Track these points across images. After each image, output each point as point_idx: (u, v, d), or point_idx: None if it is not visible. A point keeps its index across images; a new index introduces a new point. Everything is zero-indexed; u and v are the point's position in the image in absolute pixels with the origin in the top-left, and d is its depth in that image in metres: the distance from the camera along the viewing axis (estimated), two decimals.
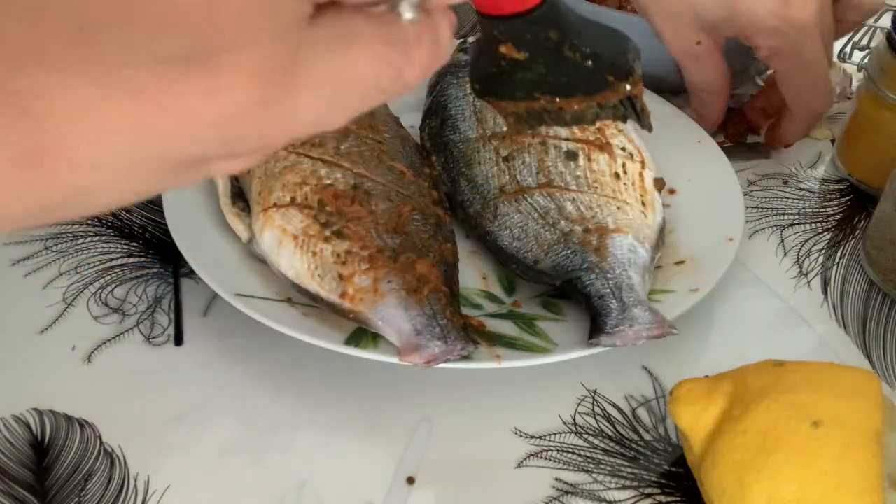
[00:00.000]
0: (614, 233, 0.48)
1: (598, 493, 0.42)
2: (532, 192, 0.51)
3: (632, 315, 0.44)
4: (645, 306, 0.45)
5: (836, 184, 0.65)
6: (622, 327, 0.44)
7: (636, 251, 0.48)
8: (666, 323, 0.44)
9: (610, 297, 0.45)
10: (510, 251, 0.50)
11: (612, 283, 0.46)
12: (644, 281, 0.47)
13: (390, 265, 0.44)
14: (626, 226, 0.49)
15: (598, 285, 0.46)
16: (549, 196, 0.50)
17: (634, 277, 0.46)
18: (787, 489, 0.37)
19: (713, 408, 0.40)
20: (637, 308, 0.44)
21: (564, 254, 0.48)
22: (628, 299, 0.45)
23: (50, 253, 0.54)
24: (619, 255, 0.47)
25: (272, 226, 0.47)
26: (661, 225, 0.51)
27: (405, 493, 0.42)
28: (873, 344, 0.51)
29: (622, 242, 0.48)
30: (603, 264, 0.47)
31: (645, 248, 0.48)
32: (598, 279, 0.46)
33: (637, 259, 0.47)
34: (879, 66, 0.60)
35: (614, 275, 0.46)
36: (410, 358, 0.42)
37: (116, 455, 0.43)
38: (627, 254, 0.47)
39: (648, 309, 0.45)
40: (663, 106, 0.64)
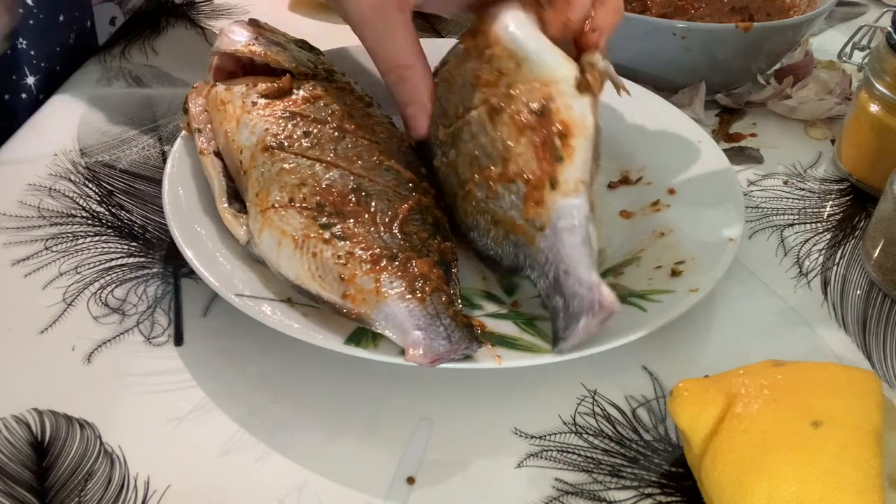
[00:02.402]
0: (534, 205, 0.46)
1: (598, 493, 0.42)
2: (472, 189, 0.49)
3: (574, 310, 0.43)
4: (583, 295, 0.43)
5: (836, 184, 0.65)
6: (570, 328, 0.43)
7: (563, 215, 0.45)
8: (605, 304, 0.43)
9: (553, 296, 0.45)
10: (482, 253, 0.50)
11: (551, 276, 0.45)
12: (585, 242, 0.45)
13: (391, 265, 0.44)
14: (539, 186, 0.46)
15: (542, 284, 0.46)
16: (481, 185, 0.49)
17: (569, 257, 0.44)
18: (786, 489, 0.37)
19: (713, 408, 0.40)
20: (576, 299, 0.43)
21: (509, 250, 0.48)
22: (568, 291, 0.44)
23: (50, 253, 0.54)
24: (547, 236, 0.45)
25: (271, 227, 0.47)
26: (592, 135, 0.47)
27: (405, 493, 0.42)
28: (873, 344, 0.51)
29: (542, 215, 0.46)
30: (537, 256, 0.46)
31: (573, 201, 0.46)
32: (539, 277, 0.46)
33: (564, 226, 0.45)
34: (879, 66, 0.60)
35: (548, 265, 0.45)
36: (415, 357, 0.42)
37: (116, 455, 0.43)
38: (552, 233, 0.45)
39: (589, 296, 0.43)
40: (663, 106, 0.64)
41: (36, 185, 0.59)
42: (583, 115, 0.47)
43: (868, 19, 0.86)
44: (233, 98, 0.54)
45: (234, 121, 0.53)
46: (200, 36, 0.80)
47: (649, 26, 0.67)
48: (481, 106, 0.49)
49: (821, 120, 0.71)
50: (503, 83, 0.48)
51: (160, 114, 0.68)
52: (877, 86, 0.60)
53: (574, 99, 0.47)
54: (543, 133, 0.47)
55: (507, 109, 0.48)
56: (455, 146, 0.51)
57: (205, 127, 0.55)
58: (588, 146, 0.47)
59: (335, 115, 0.53)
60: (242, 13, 0.83)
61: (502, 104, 0.48)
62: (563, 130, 0.46)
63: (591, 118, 0.47)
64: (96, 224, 0.57)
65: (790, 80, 0.73)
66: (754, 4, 0.77)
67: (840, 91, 0.73)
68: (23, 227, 0.56)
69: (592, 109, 0.47)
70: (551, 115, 0.47)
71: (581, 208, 0.46)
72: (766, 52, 0.70)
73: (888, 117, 0.60)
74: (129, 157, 0.63)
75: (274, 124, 0.51)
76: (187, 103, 0.57)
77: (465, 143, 0.50)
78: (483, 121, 0.49)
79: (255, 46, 0.57)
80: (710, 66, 0.69)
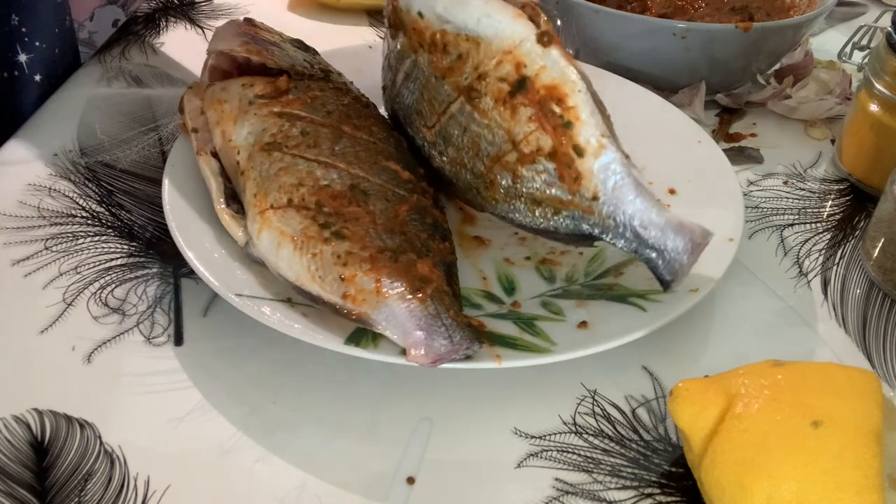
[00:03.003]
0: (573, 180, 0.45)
1: (598, 493, 0.42)
2: (494, 179, 0.49)
3: (671, 256, 0.44)
4: (673, 238, 0.44)
5: (836, 184, 0.65)
6: (676, 271, 0.45)
7: (607, 176, 0.45)
8: (698, 237, 0.44)
9: (642, 250, 0.45)
10: (535, 229, 0.49)
11: (630, 235, 0.45)
12: (639, 189, 0.45)
13: (392, 265, 0.44)
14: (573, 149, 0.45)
15: (623, 244, 0.46)
16: (502, 173, 0.48)
17: (636, 211, 0.45)
18: (786, 488, 0.37)
19: (713, 408, 0.40)
20: (668, 246, 0.44)
21: (566, 222, 0.47)
22: (655, 242, 0.45)
23: (50, 253, 0.54)
24: (604, 202, 0.45)
25: (269, 228, 0.47)
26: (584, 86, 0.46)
27: (405, 493, 0.42)
28: (873, 344, 0.51)
29: (588, 186, 0.45)
30: (605, 222, 0.46)
31: (606, 158, 0.45)
32: (616, 238, 0.46)
33: (615, 186, 0.45)
34: (879, 66, 0.60)
35: (621, 227, 0.45)
36: (417, 358, 0.42)
37: (116, 455, 0.43)
38: (607, 198, 0.45)
39: (681, 238, 0.44)
40: (663, 106, 0.64)
41: (36, 185, 0.59)
42: (562, 71, 0.45)
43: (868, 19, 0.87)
44: (230, 98, 0.54)
45: (232, 121, 0.53)
46: (200, 36, 0.80)
47: (649, 26, 0.67)
48: (459, 96, 0.48)
49: (821, 120, 0.72)
50: (469, 67, 0.47)
51: (160, 114, 0.68)
52: (877, 86, 0.60)
53: (543, 58, 0.45)
54: (537, 105, 0.45)
55: (488, 92, 0.47)
56: (449, 143, 0.50)
57: (201, 127, 0.55)
58: (587, 98, 0.45)
59: (333, 116, 0.53)
60: (242, 13, 0.83)
61: (479, 88, 0.47)
62: (553, 93, 0.45)
63: (571, 69, 0.45)
64: (96, 224, 0.57)
65: (790, 80, 0.73)
66: (754, 4, 0.77)
67: (840, 91, 0.73)
68: (23, 227, 0.56)
69: (567, 59, 0.45)
70: (534, 84, 0.45)
71: (617, 160, 0.45)
72: (766, 52, 0.70)
73: (888, 117, 0.60)
74: (129, 157, 0.63)
75: (272, 124, 0.51)
76: (183, 103, 0.57)
77: (459, 136, 0.49)
78: (468, 111, 0.48)
79: (252, 46, 0.57)
80: (710, 66, 0.69)
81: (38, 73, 0.69)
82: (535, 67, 0.45)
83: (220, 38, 0.58)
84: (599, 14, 0.68)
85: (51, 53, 0.70)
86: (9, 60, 0.67)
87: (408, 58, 0.52)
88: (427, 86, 0.51)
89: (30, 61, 0.68)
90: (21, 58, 0.67)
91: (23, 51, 0.67)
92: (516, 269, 0.53)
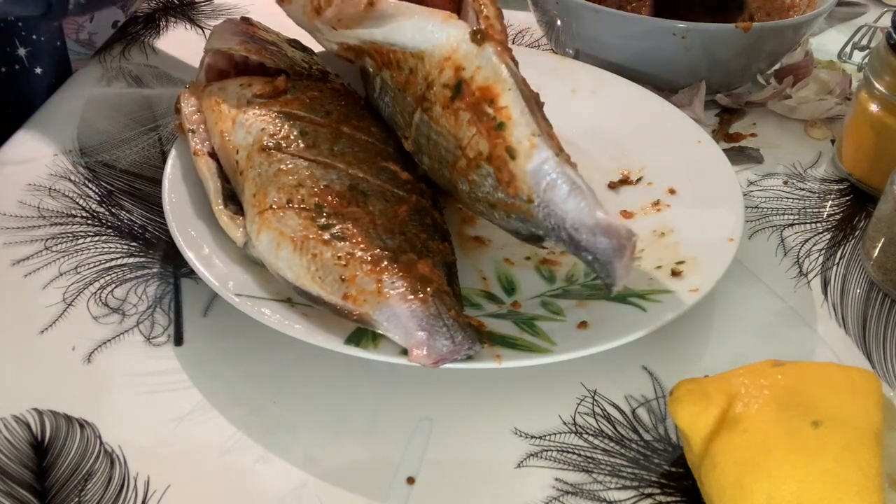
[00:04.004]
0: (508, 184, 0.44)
1: (598, 493, 0.42)
2: (457, 185, 0.48)
3: (603, 259, 0.42)
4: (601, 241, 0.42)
5: (836, 184, 0.65)
6: (610, 275, 0.42)
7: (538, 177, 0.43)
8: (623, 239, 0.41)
9: (579, 253, 0.43)
10: (505, 228, 0.47)
11: (565, 237, 0.43)
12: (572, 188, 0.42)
13: (392, 266, 0.44)
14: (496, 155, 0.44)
15: (564, 246, 0.43)
16: (460, 179, 0.47)
17: (566, 213, 0.42)
18: (786, 489, 0.37)
19: (713, 408, 0.40)
20: (598, 249, 0.42)
21: (518, 224, 0.45)
22: (587, 245, 0.42)
23: (50, 253, 0.54)
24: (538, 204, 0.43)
25: (269, 228, 0.47)
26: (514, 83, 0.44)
27: (405, 493, 0.42)
28: (873, 344, 0.51)
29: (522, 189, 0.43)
30: (543, 224, 0.43)
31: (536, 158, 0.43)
32: (557, 242, 0.44)
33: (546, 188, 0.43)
34: (879, 66, 0.60)
35: (557, 230, 0.43)
36: (419, 358, 0.42)
37: (116, 455, 0.43)
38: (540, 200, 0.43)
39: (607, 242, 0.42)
40: (663, 106, 0.64)
41: (36, 185, 0.59)
42: (494, 69, 0.44)
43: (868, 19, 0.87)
44: (227, 98, 0.54)
45: (230, 121, 0.53)
46: (200, 36, 0.80)
47: (649, 26, 0.67)
48: (418, 107, 0.48)
49: (821, 120, 0.71)
50: (420, 78, 0.47)
51: (160, 114, 0.68)
52: (877, 86, 0.60)
53: (478, 57, 0.44)
54: (473, 107, 0.44)
55: (436, 100, 0.46)
56: (422, 152, 0.50)
57: (198, 127, 0.55)
58: (517, 95, 0.44)
59: (332, 116, 0.53)
60: (243, 13, 0.83)
61: (430, 98, 0.46)
62: (486, 94, 0.44)
63: (502, 67, 0.44)
64: (96, 224, 0.57)
65: (790, 80, 0.73)
66: (754, 4, 0.77)
67: (840, 91, 0.73)
68: (23, 227, 0.56)
69: (500, 56, 0.44)
70: (469, 87, 0.44)
71: (548, 160, 0.43)
72: (766, 52, 0.70)
73: (888, 117, 0.60)
74: (129, 157, 0.63)
75: (270, 125, 0.51)
76: (180, 103, 0.57)
77: (426, 145, 0.49)
78: (426, 120, 0.48)
79: (250, 45, 0.57)
80: (710, 66, 0.69)
81: (39, 65, 0.69)
82: (472, 69, 0.44)
83: (217, 36, 0.58)
84: (599, 14, 0.68)
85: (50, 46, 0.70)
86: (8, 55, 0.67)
87: (377, 75, 0.52)
88: (395, 99, 0.51)
89: (29, 55, 0.68)
90: (20, 52, 0.67)
91: (21, 45, 0.67)
92: (516, 269, 0.53)
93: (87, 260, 0.54)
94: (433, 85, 0.46)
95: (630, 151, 0.62)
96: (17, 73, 0.68)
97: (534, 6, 0.76)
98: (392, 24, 0.44)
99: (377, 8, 0.44)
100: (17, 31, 0.66)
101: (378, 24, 0.45)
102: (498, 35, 0.45)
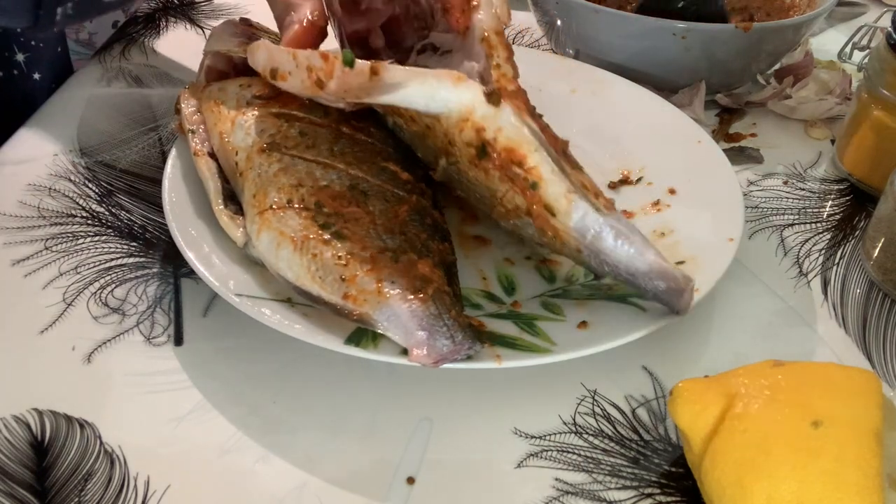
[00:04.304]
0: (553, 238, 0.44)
1: (598, 493, 0.42)
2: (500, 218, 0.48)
3: (665, 297, 0.44)
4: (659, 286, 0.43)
5: (836, 184, 0.65)
6: (676, 306, 0.44)
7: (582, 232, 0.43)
8: (681, 284, 0.43)
9: (640, 289, 0.44)
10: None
11: (622, 278, 0.44)
12: (618, 237, 0.43)
13: (393, 266, 0.44)
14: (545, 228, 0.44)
15: (625, 286, 0.45)
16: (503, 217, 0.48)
17: (618, 261, 0.43)
18: (786, 489, 0.37)
19: (713, 408, 0.40)
20: (658, 290, 0.43)
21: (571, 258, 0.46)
22: (645, 286, 0.43)
23: (50, 253, 0.54)
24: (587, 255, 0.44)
25: (269, 228, 0.47)
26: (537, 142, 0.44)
27: (405, 493, 0.42)
28: (873, 344, 0.51)
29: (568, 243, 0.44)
30: (595, 267, 0.45)
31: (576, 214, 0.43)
32: (614, 280, 0.45)
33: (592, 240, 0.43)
34: (879, 66, 0.60)
35: (610, 272, 0.44)
36: (419, 358, 0.42)
37: (116, 455, 0.43)
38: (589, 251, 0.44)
39: (661, 276, 0.43)
40: (663, 106, 0.64)
41: (36, 185, 0.59)
42: (516, 130, 0.44)
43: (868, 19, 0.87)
44: (227, 99, 0.54)
45: (229, 122, 0.53)
46: (200, 36, 0.80)
47: (649, 26, 0.67)
48: (442, 156, 0.48)
49: (821, 120, 0.72)
50: (440, 133, 0.46)
51: (160, 114, 0.68)
52: (877, 86, 0.60)
53: (497, 119, 0.44)
54: (501, 168, 0.44)
55: (461, 157, 0.46)
56: (453, 184, 0.50)
57: (198, 128, 0.55)
58: (543, 154, 0.44)
59: (331, 116, 0.53)
60: (242, 13, 0.83)
61: (454, 153, 0.46)
62: (512, 156, 0.44)
63: (524, 129, 0.44)
64: (96, 224, 0.57)
65: (790, 80, 0.73)
66: (754, 4, 0.77)
67: (840, 91, 0.73)
68: (23, 227, 0.56)
69: (519, 116, 0.44)
70: (494, 148, 0.44)
71: (588, 214, 0.43)
72: (766, 52, 0.70)
73: (888, 117, 0.60)
74: (129, 157, 0.63)
75: (270, 125, 0.51)
76: (179, 104, 0.57)
77: (459, 183, 0.49)
78: (452, 168, 0.48)
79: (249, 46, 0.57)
80: (710, 66, 0.69)
81: (37, 71, 0.69)
82: (493, 130, 0.44)
83: (216, 38, 0.58)
84: (599, 14, 0.68)
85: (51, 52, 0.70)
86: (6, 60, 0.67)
87: (388, 115, 0.52)
88: (415, 139, 0.51)
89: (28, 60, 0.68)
90: (18, 57, 0.67)
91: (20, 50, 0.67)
92: (516, 269, 0.53)
93: (87, 260, 0.54)
94: (455, 143, 0.45)
95: (630, 151, 0.62)
96: (15, 78, 0.68)
97: (534, 6, 0.76)
98: (401, 92, 0.43)
99: (382, 77, 0.43)
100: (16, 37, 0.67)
101: (386, 92, 0.44)
102: (511, 85, 0.44)
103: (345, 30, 0.53)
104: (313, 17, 0.51)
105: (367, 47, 0.54)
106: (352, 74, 0.44)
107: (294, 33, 0.51)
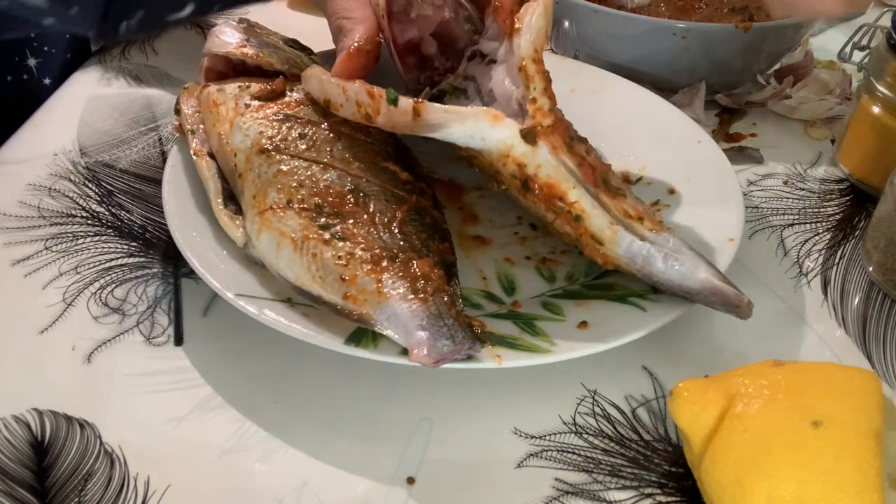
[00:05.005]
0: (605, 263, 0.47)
1: (598, 493, 0.42)
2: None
3: (727, 308, 0.45)
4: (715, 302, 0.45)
5: (836, 184, 0.65)
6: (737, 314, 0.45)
7: (631, 258, 0.46)
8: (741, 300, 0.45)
9: (699, 301, 0.46)
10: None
11: (679, 293, 0.46)
12: (666, 260, 0.45)
13: (393, 266, 0.44)
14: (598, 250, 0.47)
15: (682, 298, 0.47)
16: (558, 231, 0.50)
17: (671, 282, 0.45)
18: (786, 489, 0.37)
19: (713, 408, 0.40)
20: (718, 304, 0.45)
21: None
22: (703, 300, 0.45)
23: (50, 253, 0.54)
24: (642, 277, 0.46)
25: (269, 229, 0.47)
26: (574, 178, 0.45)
27: (405, 493, 0.42)
28: (873, 344, 0.51)
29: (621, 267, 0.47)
30: (650, 281, 0.46)
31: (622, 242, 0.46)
32: (672, 295, 0.47)
33: (643, 265, 0.46)
34: (879, 66, 0.60)
35: (667, 288, 0.46)
36: (419, 358, 0.42)
37: (116, 455, 0.43)
38: (643, 274, 0.46)
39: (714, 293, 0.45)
40: (663, 106, 0.64)
41: (36, 185, 0.59)
42: (555, 167, 0.45)
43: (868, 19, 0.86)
44: (226, 100, 0.54)
45: (228, 123, 0.53)
46: (200, 36, 0.80)
47: (649, 26, 0.67)
48: (493, 180, 0.51)
49: (821, 120, 0.72)
50: (486, 162, 0.48)
51: (160, 114, 0.68)
52: (877, 86, 0.60)
53: (535, 156, 0.45)
54: (546, 200, 0.46)
55: (509, 186, 0.49)
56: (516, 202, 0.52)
57: (197, 128, 0.55)
58: (583, 191, 0.45)
59: (331, 116, 0.53)
60: (243, 12, 0.83)
61: (502, 180, 0.49)
62: (554, 192, 0.45)
63: (561, 168, 0.45)
64: (96, 224, 0.57)
65: (790, 80, 0.73)
66: (754, 4, 0.77)
67: (840, 91, 0.73)
68: (23, 227, 0.56)
69: (555, 154, 0.45)
70: (535, 183, 0.46)
71: (634, 241, 0.45)
72: (766, 52, 0.70)
73: (888, 118, 0.60)
74: (129, 157, 0.63)
75: (268, 127, 0.51)
76: (179, 104, 0.57)
77: (518, 201, 0.51)
78: (504, 189, 0.50)
79: (248, 48, 0.57)
80: (710, 66, 0.69)
81: (48, 76, 0.69)
82: (533, 166, 0.45)
83: (215, 39, 0.58)
84: (599, 14, 0.68)
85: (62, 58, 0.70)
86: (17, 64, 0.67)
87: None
88: (472, 160, 0.53)
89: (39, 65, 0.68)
90: (30, 62, 0.67)
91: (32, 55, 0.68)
92: (516, 269, 0.53)
93: (87, 260, 0.54)
94: (501, 172, 0.47)
95: (630, 151, 0.62)
96: (25, 81, 0.68)
97: None
98: (443, 132, 0.45)
99: (424, 118, 0.45)
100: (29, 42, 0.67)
101: (430, 130, 0.46)
102: (548, 119, 0.45)
103: (397, 42, 0.54)
104: (360, 43, 0.52)
105: (420, 55, 0.55)
106: (396, 113, 0.46)
107: (341, 60, 0.52)
